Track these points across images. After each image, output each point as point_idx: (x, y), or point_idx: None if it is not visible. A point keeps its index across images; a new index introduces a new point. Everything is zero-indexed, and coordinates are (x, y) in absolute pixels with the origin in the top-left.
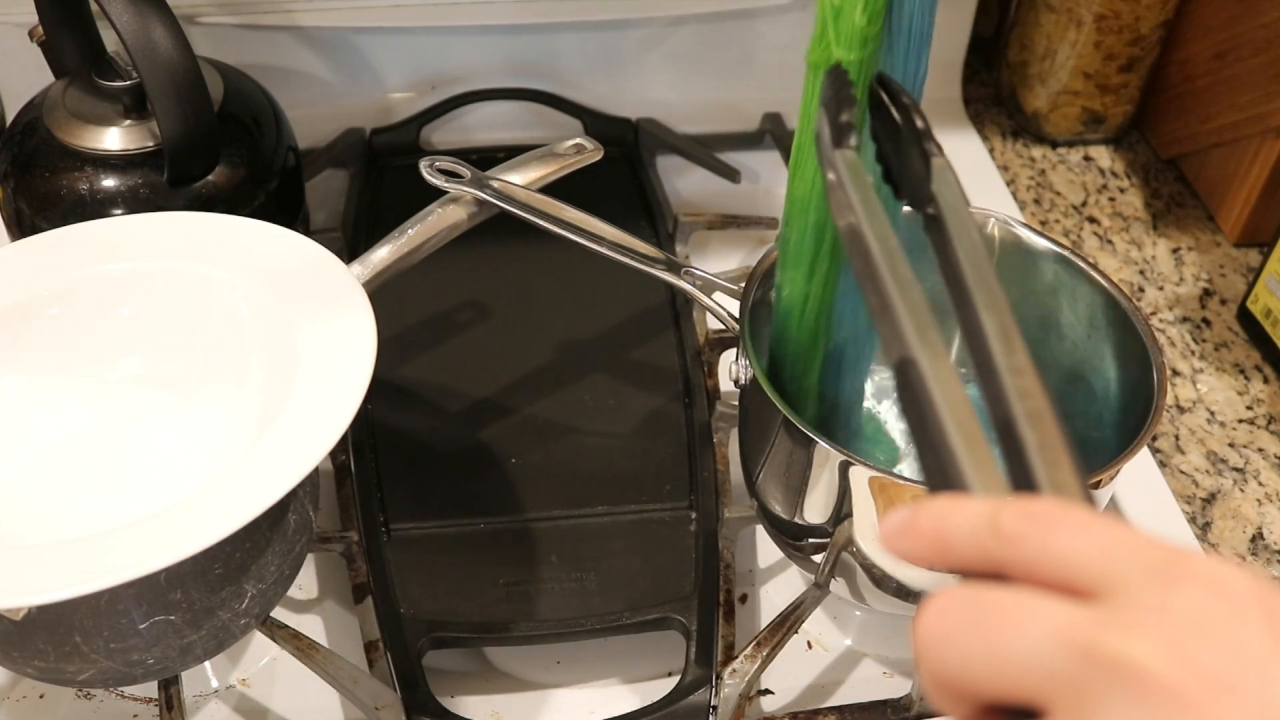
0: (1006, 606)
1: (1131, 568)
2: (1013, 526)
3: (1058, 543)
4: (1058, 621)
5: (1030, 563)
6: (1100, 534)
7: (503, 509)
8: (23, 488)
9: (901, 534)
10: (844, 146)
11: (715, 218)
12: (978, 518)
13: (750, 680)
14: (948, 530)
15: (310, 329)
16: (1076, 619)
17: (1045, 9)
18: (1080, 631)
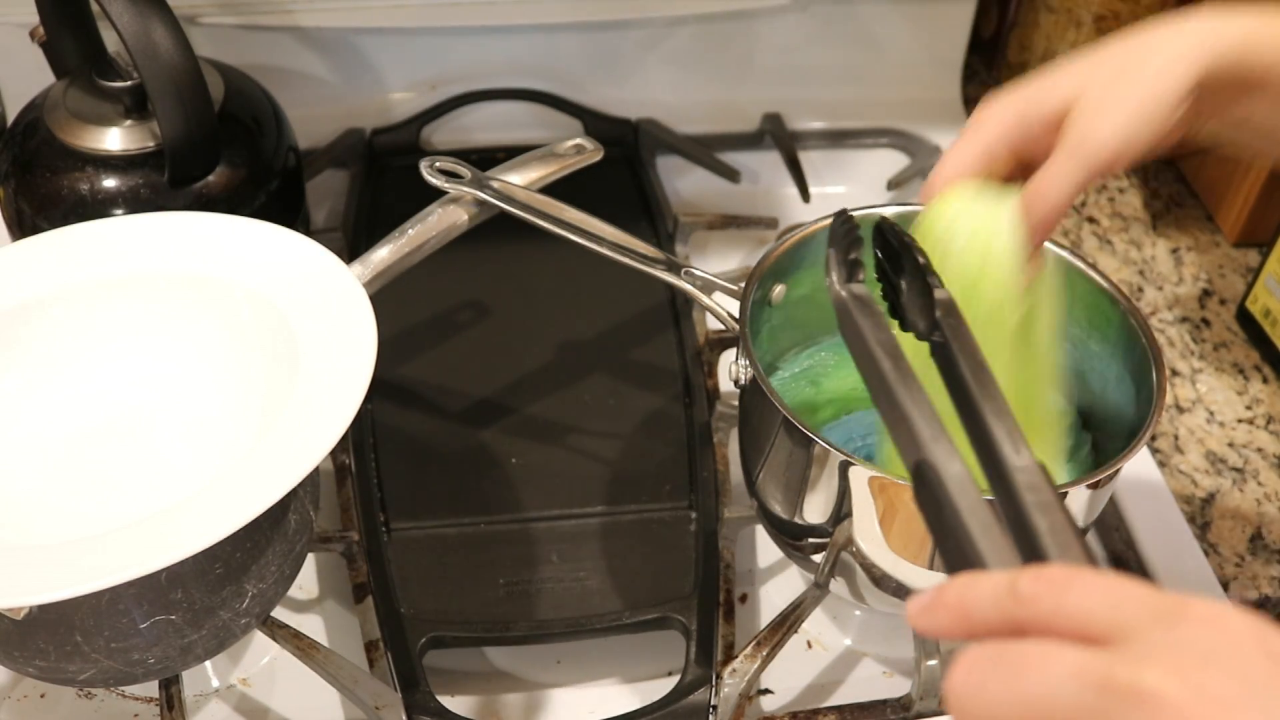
0: (1028, 654)
1: (1139, 613)
2: (1029, 589)
3: (1071, 599)
4: (1076, 663)
5: (1047, 619)
6: (1109, 588)
7: (503, 509)
8: (23, 488)
9: (927, 609)
10: (854, 281)
11: (715, 218)
12: (997, 587)
13: (750, 680)
14: (970, 601)
15: (310, 329)
16: (1092, 659)
17: (1045, 10)
18: (1096, 668)
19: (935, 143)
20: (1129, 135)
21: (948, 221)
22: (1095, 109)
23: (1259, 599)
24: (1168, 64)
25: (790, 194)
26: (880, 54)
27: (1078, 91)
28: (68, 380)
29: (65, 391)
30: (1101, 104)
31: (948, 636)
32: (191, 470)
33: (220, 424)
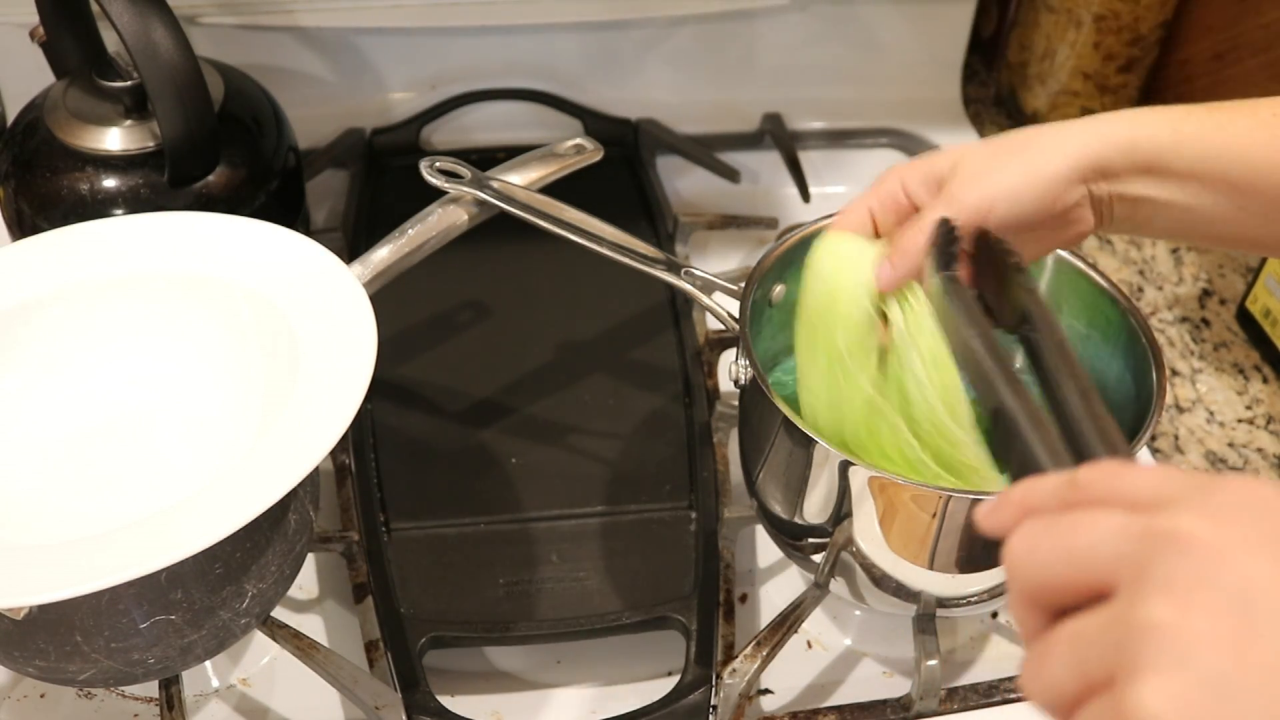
0: (1078, 518)
1: (1183, 485)
2: (1086, 478)
3: (1122, 482)
4: (1120, 521)
5: (1100, 498)
6: (1159, 471)
7: (503, 509)
8: (23, 488)
9: (993, 509)
10: (950, 271)
11: (715, 218)
12: (1057, 481)
13: (750, 680)
14: (1033, 496)
15: (310, 329)
16: (1135, 517)
17: (1045, 9)
18: (1138, 522)
19: (935, 142)
20: (993, 201)
21: (817, 261)
22: (969, 175)
23: None
24: (1046, 154)
25: (790, 194)
26: (880, 54)
27: (961, 162)
28: (68, 380)
29: (65, 391)
30: (975, 174)
31: (1010, 531)
32: (191, 470)
33: (220, 424)
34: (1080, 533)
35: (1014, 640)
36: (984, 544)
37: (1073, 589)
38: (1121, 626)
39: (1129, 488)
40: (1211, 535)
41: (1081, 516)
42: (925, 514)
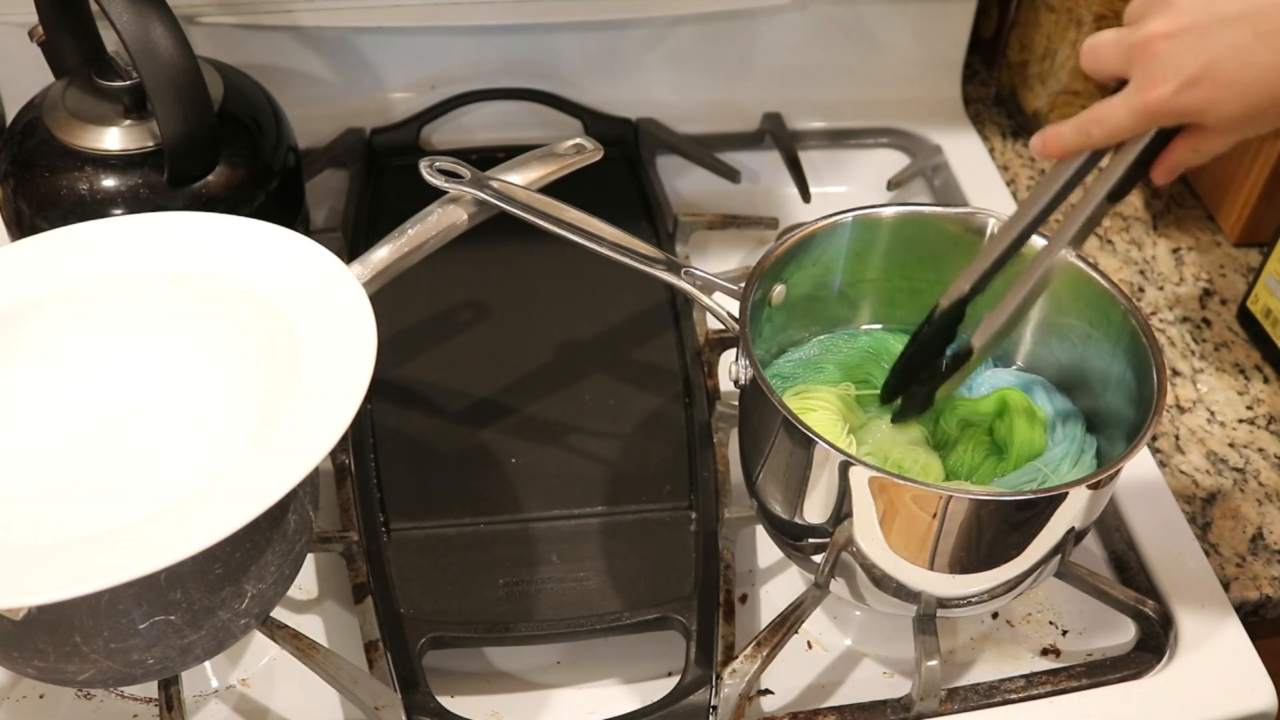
0: (1101, 40)
1: (1142, 3)
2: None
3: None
4: (1117, 40)
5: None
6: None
7: (503, 509)
8: (23, 488)
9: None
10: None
11: (715, 218)
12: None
13: (750, 680)
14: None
15: (310, 329)
16: (1124, 34)
17: (1045, 9)
18: (1124, 39)
19: (935, 142)
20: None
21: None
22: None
23: (1259, 599)
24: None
25: (790, 194)
26: (880, 54)
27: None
28: (67, 380)
29: (65, 391)
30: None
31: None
32: (191, 470)
33: (220, 424)
34: (1101, 52)
35: (1014, 641)
36: (984, 544)
37: (1113, 73)
38: (1136, 39)
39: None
40: (1165, 28)
41: (1101, 37)
42: (925, 514)
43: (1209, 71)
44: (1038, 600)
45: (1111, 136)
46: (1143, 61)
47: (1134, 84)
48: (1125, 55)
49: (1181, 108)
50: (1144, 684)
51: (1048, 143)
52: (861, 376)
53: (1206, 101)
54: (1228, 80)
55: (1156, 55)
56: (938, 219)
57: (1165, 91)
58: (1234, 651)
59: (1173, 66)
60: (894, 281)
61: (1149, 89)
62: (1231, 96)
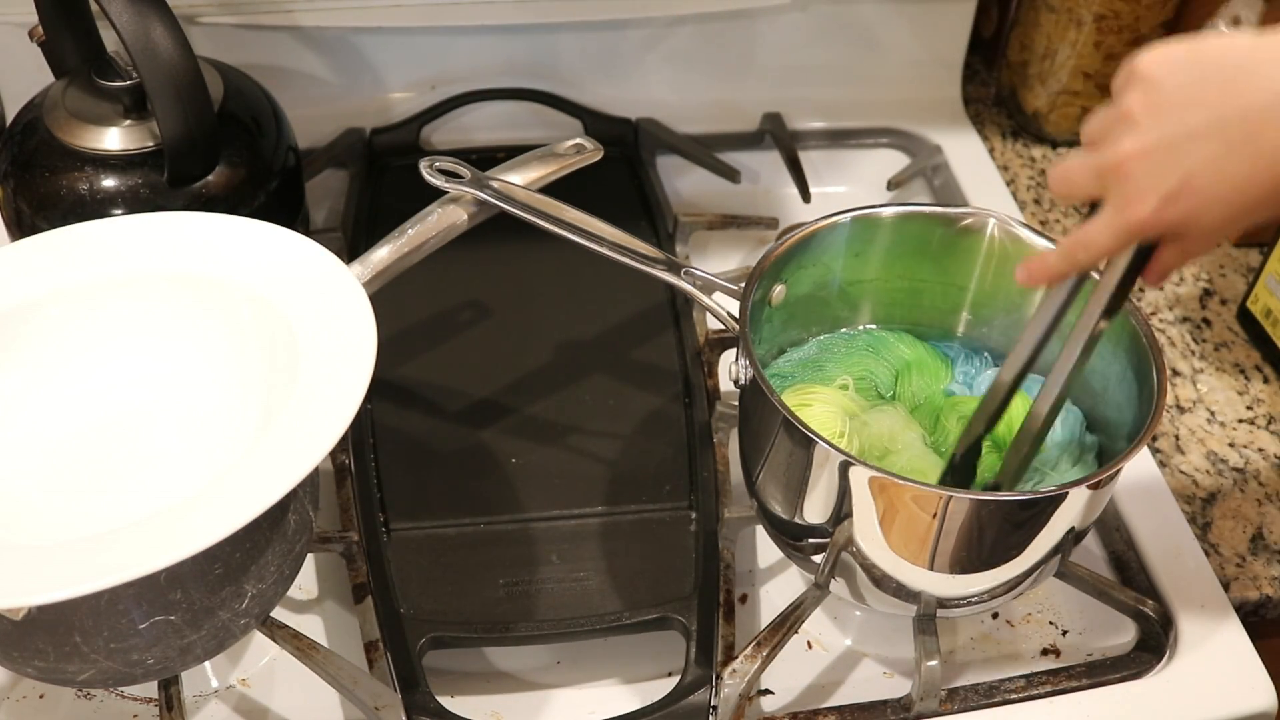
0: (1071, 167)
1: (1104, 121)
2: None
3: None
4: (1087, 165)
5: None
6: (1090, 118)
7: (503, 509)
8: (23, 488)
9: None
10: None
11: (715, 218)
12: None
13: (750, 680)
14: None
15: (310, 329)
16: (1093, 158)
17: (1045, 9)
18: (1094, 163)
19: (935, 142)
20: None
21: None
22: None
23: (1260, 599)
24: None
25: (790, 194)
26: (880, 54)
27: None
28: (67, 380)
29: (65, 391)
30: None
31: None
32: (191, 470)
33: (220, 424)
34: (1074, 177)
35: (1014, 641)
36: (984, 544)
37: (1086, 196)
38: (1107, 162)
39: (1084, 135)
40: (1132, 149)
41: (1071, 165)
42: (925, 514)
43: (1187, 186)
44: (1038, 600)
45: (1098, 258)
46: (1118, 183)
47: (1113, 205)
48: (1098, 179)
49: (1164, 223)
50: (1144, 684)
51: (1032, 273)
52: (861, 375)
53: (1188, 215)
54: (1206, 193)
55: (1131, 175)
56: (938, 219)
57: (1146, 210)
58: (1234, 651)
59: (1149, 185)
60: (894, 281)
61: (1129, 210)
62: (1212, 207)
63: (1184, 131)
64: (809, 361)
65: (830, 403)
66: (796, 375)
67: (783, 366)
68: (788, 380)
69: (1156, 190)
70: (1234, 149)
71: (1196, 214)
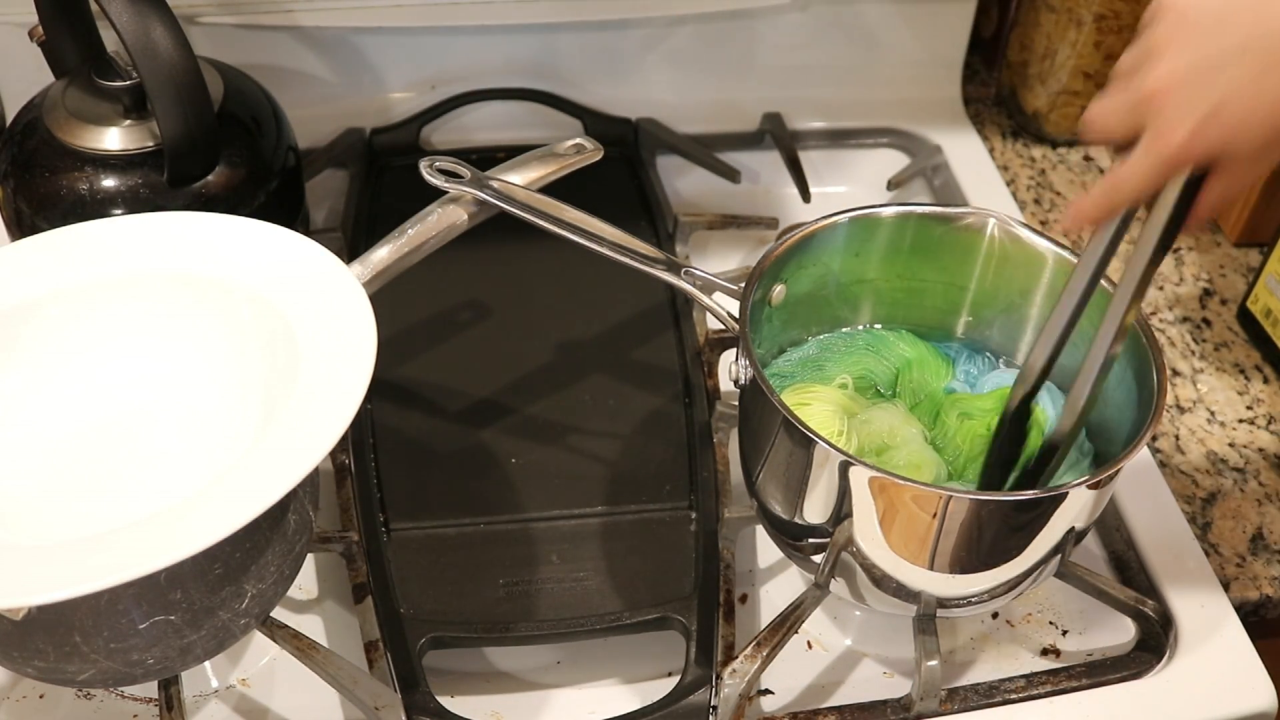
0: (1103, 105)
1: (1133, 58)
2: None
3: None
4: (1119, 101)
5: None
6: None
7: (503, 509)
8: (23, 487)
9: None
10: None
11: (715, 218)
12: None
13: (750, 680)
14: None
15: (310, 329)
16: (1125, 93)
17: (1045, 9)
18: (1128, 98)
19: (935, 142)
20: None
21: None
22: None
23: (1259, 599)
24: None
25: (790, 194)
26: (880, 54)
27: None
28: (67, 380)
29: (65, 391)
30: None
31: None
32: (191, 470)
33: (220, 424)
34: (1110, 106)
35: (1014, 641)
36: (984, 544)
37: (1125, 134)
38: (1139, 94)
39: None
40: (1159, 85)
41: (1107, 98)
42: (925, 514)
43: (1221, 110)
44: (1038, 600)
45: (1138, 197)
46: (1151, 114)
47: (1148, 138)
48: (1132, 113)
49: (1202, 150)
50: (1144, 684)
51: (1080, 212)
52: (860, 373)
53: (1225, 139)
54: (1242, 115)
55: (1166, 105)
56: (938, 219)
57: (1181, 138)
58: (1234, 651)
59: (1184, 112)
60: (894, 281)
61: (1165, 140)
62: (1248, 130)
63: (1215, 56)
64: (809, 361)
65: (829, 401)
66: (796, 375)
67: (783, 366)
68: (788, 380)
69: (1191, 116)
70: (1268, 70)
71: (1233, 138)
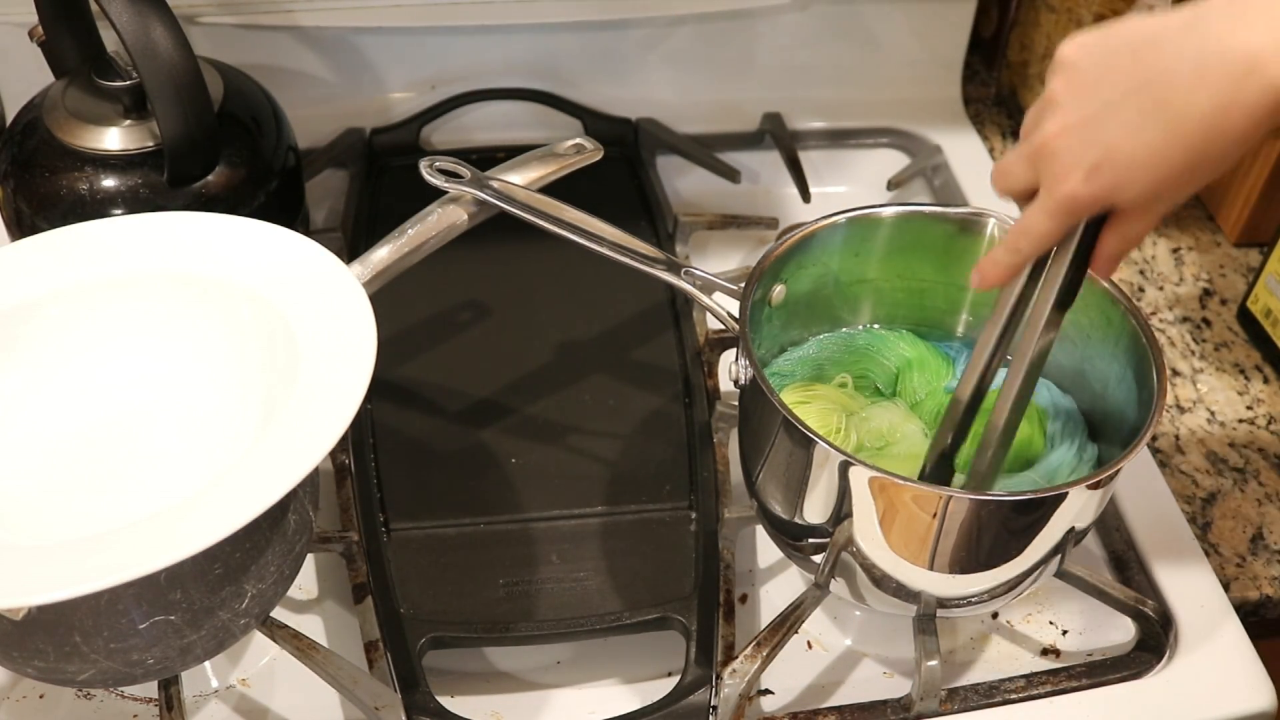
0: (1006, 160)
1: (1034, 114)
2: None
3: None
4: (1020, 154)
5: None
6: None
7: (503, 509)
8: (23, 487)
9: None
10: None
11: (715, 218)
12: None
13: (750, 680)
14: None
15: (310, 329)
16: (1024, 146)
17: (1045, 9)
18: (1025, 150)
19: (935, 142)
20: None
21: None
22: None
23: (1259, 599)
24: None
25: (790, 194)
26: (880, 54)
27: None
28: (67, 380)
29: (64, 391)
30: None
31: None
32: (191, 470)
33: (220, 424)
34: (1009, 170)
35: (1014, 641)
36: (984, 544)
37: (1023, 189)
38: (1035, 145)
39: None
40: (1056, 128)
41: (1008, 161)
42: (925, 514)
43: (1108, 155)
44: (1038, 600)
45: (1040, 244)
46: (1045, 162)
47: (1044, 187)
48: (1029, 163)
49: (1092, 195)
50: (1144, 684)
51: (985, 273)
52: (860, 373)
53: (1114, 184)
54: (1127, 160)
55: (1056, 153)
56: (937, 219)
57: (1073, 183)
58: (1234, 651)
59: (1074, 159)
60: (894, 281)
61: (1058, 186)
62: (1136, 174)
63: (1101, 105)
64: (809, 361)
65: (829, 399)
66: (796, 374)
67: (783, 366)
68: (787, 379)
69: (1081, 163)
70: (1148, 115)
71: (1123, 183)
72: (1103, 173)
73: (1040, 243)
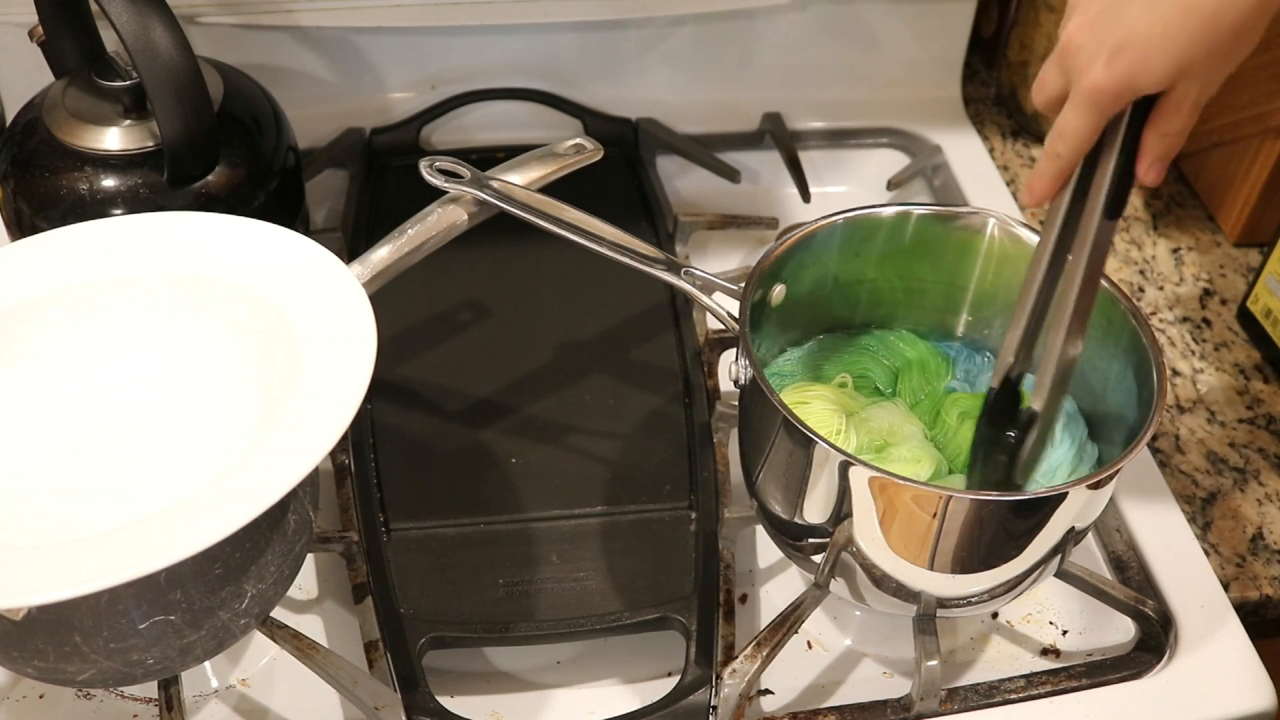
0: (1041, 72)
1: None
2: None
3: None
4: (1050, 62)
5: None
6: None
7: (503, 509)
8: (23, 487)
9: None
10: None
11: (715, 218)
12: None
13: (750, 680)
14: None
15: (310, 329)
16: (1052, 56)
17: (1045, 9)
18: (1054, 56)
19: (935, 142)
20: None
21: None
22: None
23: (1259, 599)
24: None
25: (790, 194)
26: (880, 54)
27: None
28: (67, 380)
29: (65, 391)
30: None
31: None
32: (191, 470)
33: (220, 424)
34: (1047, 78)
35: (1014, 641)
36: (984, 544)
37: (1060, 93)
38: (1061, 47)
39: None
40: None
41: (1046, 70)
42: (925, 514)
43: (1127, 39)
44: (1038, 600)
45: (1077, 144)
46: (1071, 59)
47: (1072, 85)
48: (1059, 66)
49: (1116, 81)
50: (1144, 684)
51: (1033, 187)
52: (860, 373)
53: (1135, 67)
54: (1145, 40)
55: (1081, 46)
56: (937, 219)
57: (1096, 73)
58: (1234, 651)
59: (1095, 49)
60: (894, 281)
61: (1082, 79)
62: (1154, 55)
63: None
64: (809, 361)
65: (829, 400)
66: (796, 374)
67: (783, 366)
68: (787, 379)
69: (1101, 50)
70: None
71: (1143, 64)
72: (1123, 56)
73: (1076, 142)
